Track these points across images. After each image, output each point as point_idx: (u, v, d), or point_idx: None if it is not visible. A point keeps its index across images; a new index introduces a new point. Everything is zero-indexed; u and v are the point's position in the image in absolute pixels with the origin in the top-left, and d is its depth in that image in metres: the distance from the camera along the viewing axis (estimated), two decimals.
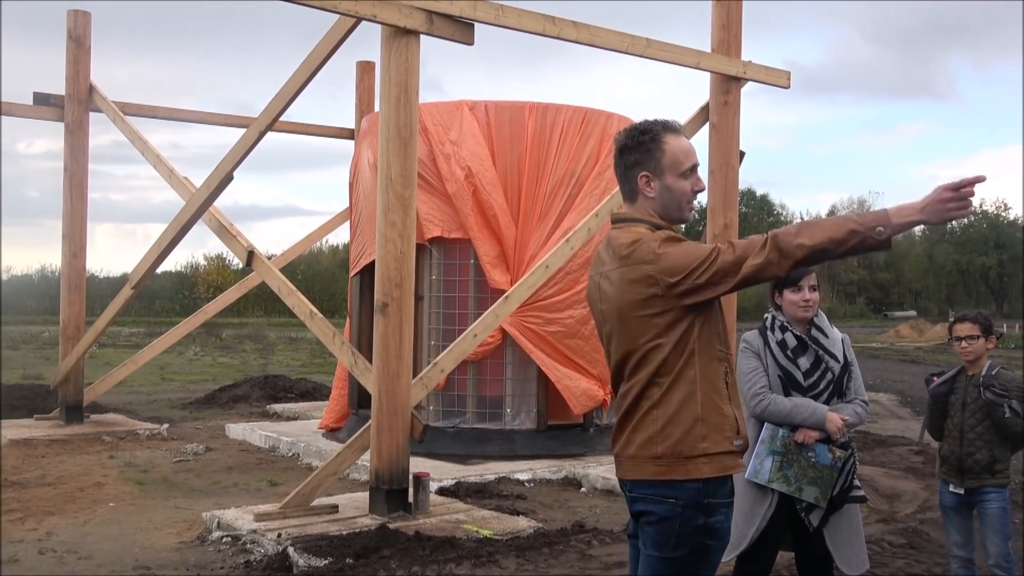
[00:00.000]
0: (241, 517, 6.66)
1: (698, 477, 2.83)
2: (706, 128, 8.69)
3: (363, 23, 6.68)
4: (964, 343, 4.92)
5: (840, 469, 4.01)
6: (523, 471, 8.75)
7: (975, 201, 2.94)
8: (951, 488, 4.93)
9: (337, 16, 6.76)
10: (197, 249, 63.28)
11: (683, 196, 2.95)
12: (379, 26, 6.66)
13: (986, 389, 4.82)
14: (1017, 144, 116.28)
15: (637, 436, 2.89)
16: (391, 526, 6.38)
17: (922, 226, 2.89)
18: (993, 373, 4.90)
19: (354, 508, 6.96)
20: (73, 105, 11.36)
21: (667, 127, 2.96)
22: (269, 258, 9.95)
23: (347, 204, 11.67)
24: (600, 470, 8.77)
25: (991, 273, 70.31)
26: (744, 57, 8.60)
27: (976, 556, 4.95)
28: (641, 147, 2.94)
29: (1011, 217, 72.59)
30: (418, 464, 8.16)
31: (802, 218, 76.83)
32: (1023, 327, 41.94)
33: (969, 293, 71.48)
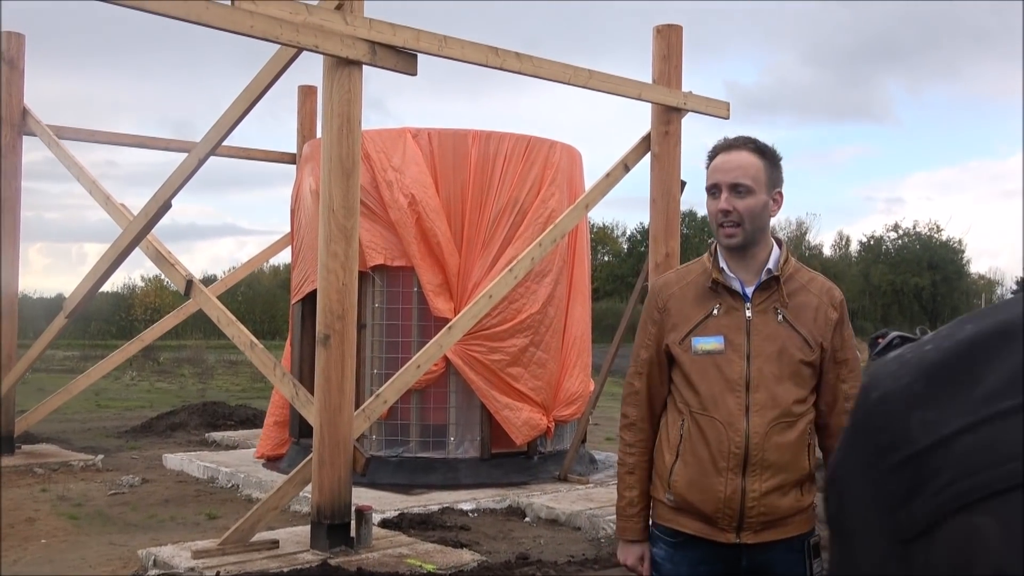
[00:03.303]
0: (178, 554, 6.51)
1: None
2: (648, 157, 8.78)
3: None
4: None
5: None
6: (467, 501, 8.70)
7: (908, 222, 3.05)
8: None
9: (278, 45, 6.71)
10: (135, 270, 62.16)
11: (710, 217, 2.89)
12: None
13: None
14: (950, 167, 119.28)
15: None
16: (332, 562, 6.29)
17: (856, 248, 3.05)
18: None
19: (295, 543, 6.85)
20: (6, 128, 11.10)
21: (717, 148, 2.93)
22: (211, 280, 9.77)
23: (287, 223, 11.58)
24: (544, 499, 8.75)
25: (924, 293, 71.81)
26: (684, 79, 8.71)
27: None
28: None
29: (943, 238, 74.33)
30: (361, 495, 8.07)
31: None
32: None
33: (903, 312, 72.86)
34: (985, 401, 0.76)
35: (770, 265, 2.87)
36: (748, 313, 2.84)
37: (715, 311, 2.84)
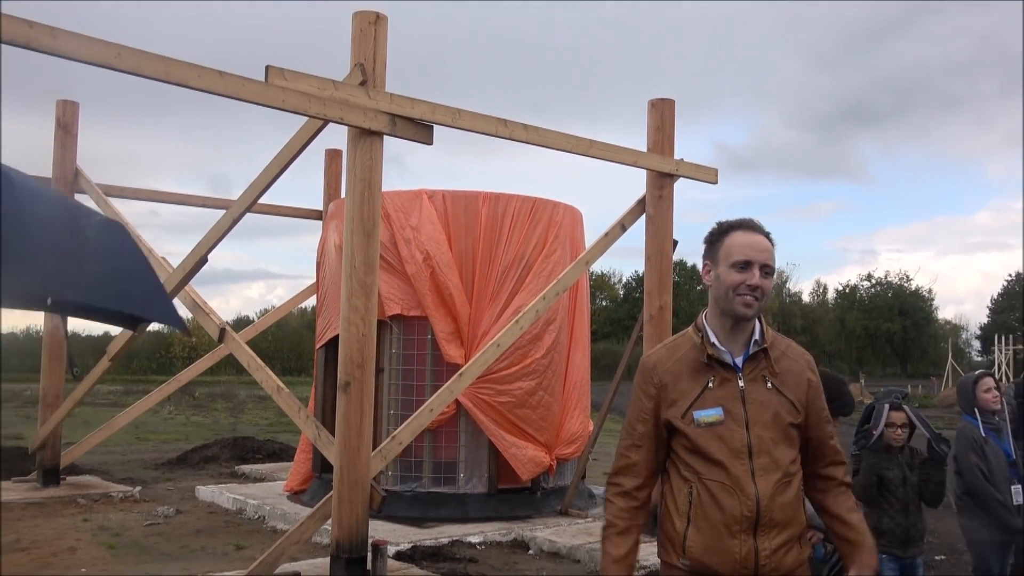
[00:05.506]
0: None
1: None
2: (643, 219, 8.75)
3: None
4: (900, 431, 5.02)
5: (827, 561, 4.07)
6: (475, 534, 8.58)
7: (880, 272, 3.02)
8: (892, 560, 4.93)
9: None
10: None
11: (727, 286, 2.78)
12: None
13: (942, 442, 5.00)
14: (919, 222, 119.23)
15: None
16: None
17: (833, 295, 2.96)
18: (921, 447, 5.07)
19: (315, 575, 6.74)
20: (59, 188, 11.14)
21: (737, 224, 2.88)
22: (244, 321, 9.71)
23: (313, 269, 11.61)
24: (547, 532, 8.62)
25: (896, 337, 71.55)
26: (676, 140, 8.67)
27: None
28: (710, 239, 2.92)
29: (913, 287, 74.20)
30: (377, 528, 7.96)
31: None
32: (925, 387, 42.59)
33: (877, 355, 72.61)
34: None
35: (756, 337, 2.86)
36: (741, 383, 2.81)
37: (710, 384, 2.80)
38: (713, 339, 2.84)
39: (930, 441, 4.99)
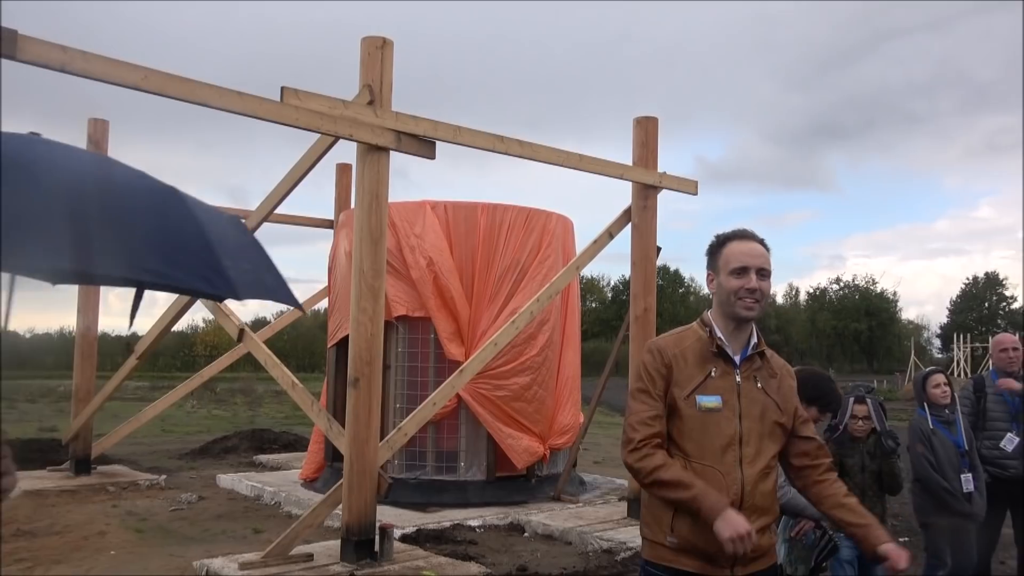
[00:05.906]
0: (227, 566, 6.39)
1: (642, 556, 2.86)
2: (629, 227, 8.76)
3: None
4: (862, 423, 5.02)
5: (815, 546, 4.09)
6: (475, 518, 8.56)
7: (848, 276, 2.98)
8: (850, 539, 4.94)
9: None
10: (197, 313, 61.88)
11: (728, 291, 2.80)
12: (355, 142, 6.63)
13: (889, 438, 4.96)
14: (884, 229, 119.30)
15: None
16: (359, 574, 6.17)
17: (804, 297, 2.94)
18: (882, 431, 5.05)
19: (327, 556, 6.73)
20: None
21: (733, 235, 2.89)
22: (261, 322, 9.68)
23: (325, 274, 11.58)
24: (541, 516, 8.61)
25: (862, 336, 71.61)
26: (660, 154, 8.69)
27: None
28: (710, 250, 2.92)
29: (878, 290, 74.28)
30: (384, 512, 7.93)
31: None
32: (890, 382, 42.63)
33: (845, 353, 72.60)
34: None
35: (755, 341, 2.89)
36: (738, 378, 2.82)
37: (712, 373, 2.80)
38: (719, 334, 2.85)
39: (880, 435, 4.99)
